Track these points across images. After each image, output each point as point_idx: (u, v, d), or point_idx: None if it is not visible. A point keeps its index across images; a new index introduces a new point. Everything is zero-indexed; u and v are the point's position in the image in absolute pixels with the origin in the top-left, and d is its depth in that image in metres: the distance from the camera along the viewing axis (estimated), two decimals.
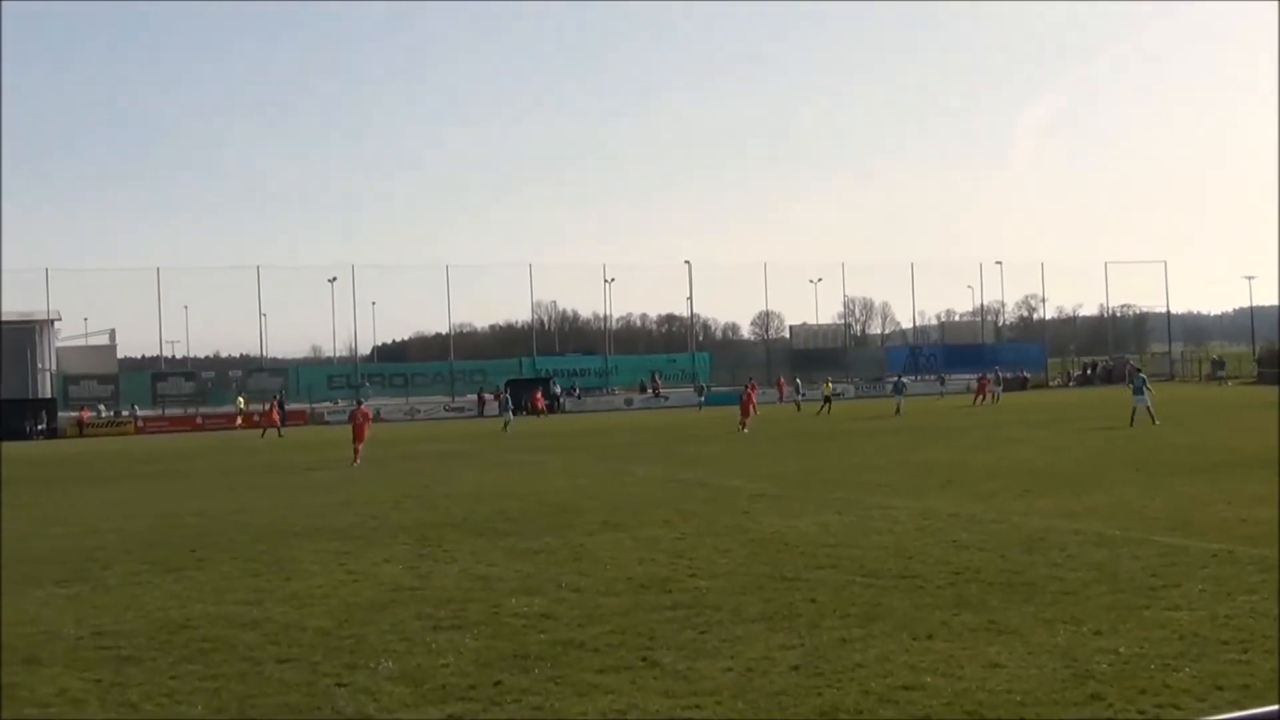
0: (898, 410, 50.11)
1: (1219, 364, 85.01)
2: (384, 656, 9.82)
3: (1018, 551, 13.93)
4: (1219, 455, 25.98)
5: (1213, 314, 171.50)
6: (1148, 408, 38.01)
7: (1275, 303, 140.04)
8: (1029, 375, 77.69)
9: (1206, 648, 9.21)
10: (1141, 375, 42.00)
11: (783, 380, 61.09)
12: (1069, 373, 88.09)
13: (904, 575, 12.67)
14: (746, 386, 50.86)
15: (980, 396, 58.20)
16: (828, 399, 57.20)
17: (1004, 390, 70.00)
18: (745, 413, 43.58)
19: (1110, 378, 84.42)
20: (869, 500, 19.65)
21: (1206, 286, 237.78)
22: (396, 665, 9.54)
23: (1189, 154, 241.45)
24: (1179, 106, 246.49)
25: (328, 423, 67.90)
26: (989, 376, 63.92)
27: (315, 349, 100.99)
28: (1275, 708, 4.50)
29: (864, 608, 11.10)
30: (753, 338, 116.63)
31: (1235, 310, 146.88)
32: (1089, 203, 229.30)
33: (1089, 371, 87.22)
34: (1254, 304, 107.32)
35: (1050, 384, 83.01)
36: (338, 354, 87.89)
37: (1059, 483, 21.26)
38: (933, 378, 74.63)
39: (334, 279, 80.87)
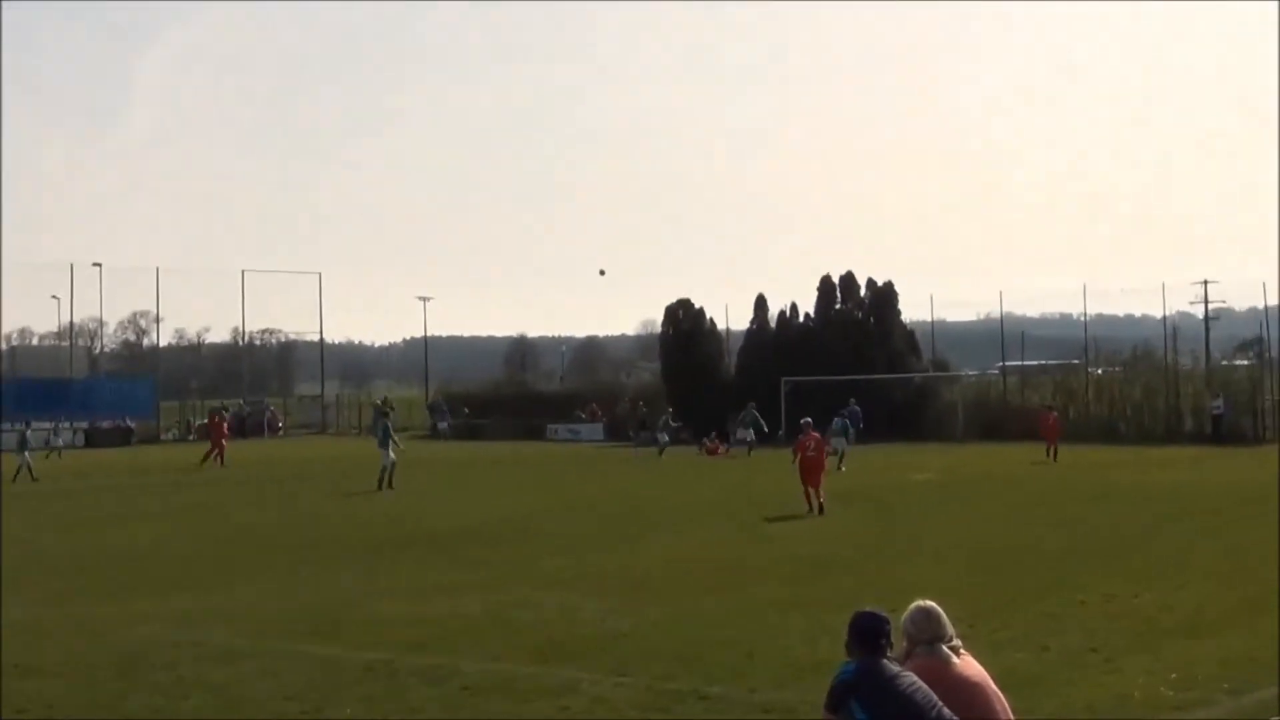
0: (23, 472, 36.50)
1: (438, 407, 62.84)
2: None
3: (109, 677, 10.01)
4: (383, 530, 20.87)
5: (378, 345, 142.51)
6: (388, 466, 29.02)
7: (448, 333, 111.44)
8: (134, 425, 58.27)
9: None
10: (386, 424, 31.92)
11: None
12: (190, 421, 63.08)
13: None
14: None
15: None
16: None
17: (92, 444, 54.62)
18: None
19: (245, 429, 60.68)
20: None
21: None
22: None
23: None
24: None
25: None
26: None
27: None
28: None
29: None
30: None
31: (406, 341, 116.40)
32: (218, 203, 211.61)
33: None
34: (429, 333, 79.57)
35: (164, 436, 60.50)
36: None
37: (176, 574, 16.28)
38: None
39: None
